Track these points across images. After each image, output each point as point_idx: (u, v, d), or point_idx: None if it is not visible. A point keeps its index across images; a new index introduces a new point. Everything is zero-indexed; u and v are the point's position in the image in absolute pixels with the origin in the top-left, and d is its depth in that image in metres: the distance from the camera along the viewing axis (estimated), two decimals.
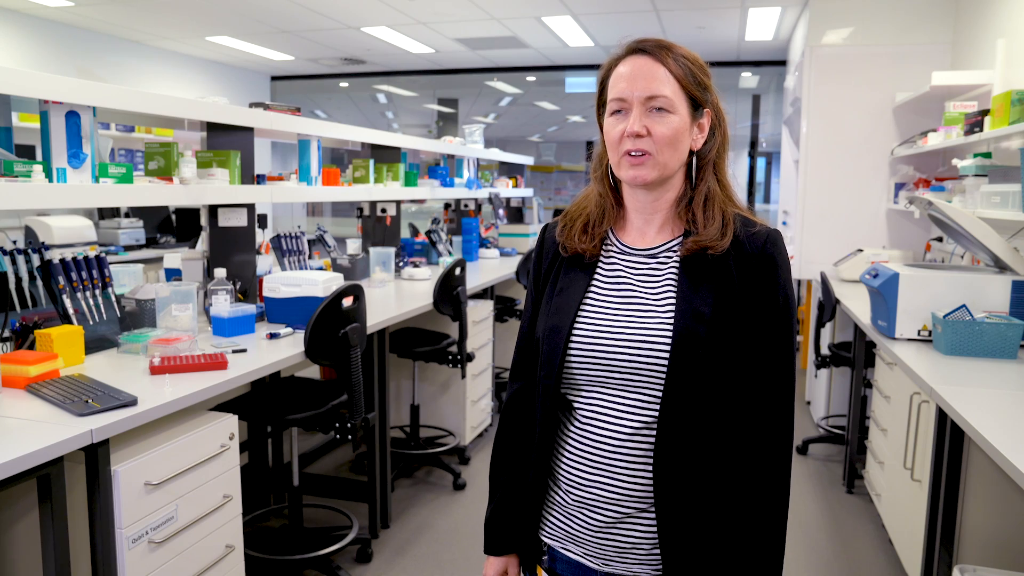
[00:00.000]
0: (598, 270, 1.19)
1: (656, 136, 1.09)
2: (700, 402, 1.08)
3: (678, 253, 1.14)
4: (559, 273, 1.22)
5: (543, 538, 1.22)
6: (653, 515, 1.10)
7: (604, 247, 1.20)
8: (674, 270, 1.13)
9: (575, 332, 1.14)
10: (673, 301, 1.10)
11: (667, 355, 1.07)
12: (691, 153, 1.15)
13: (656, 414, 1.09)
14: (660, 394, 1.08)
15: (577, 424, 1.15)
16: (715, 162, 1.16)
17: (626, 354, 1.10)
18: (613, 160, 1.14)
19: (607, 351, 1.11)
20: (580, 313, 1.16)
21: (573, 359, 1.14)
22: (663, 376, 1.08)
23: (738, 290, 1.10)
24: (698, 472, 1.09)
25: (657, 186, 1.15)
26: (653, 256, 1.16)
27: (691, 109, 1.12)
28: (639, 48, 1.12)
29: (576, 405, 1.16)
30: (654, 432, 1.09)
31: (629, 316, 1.12)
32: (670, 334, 1.08)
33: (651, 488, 1.10)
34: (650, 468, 1.09)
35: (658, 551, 1.11)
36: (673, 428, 1.08)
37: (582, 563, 1.17)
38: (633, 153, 1.10)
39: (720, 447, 1.10)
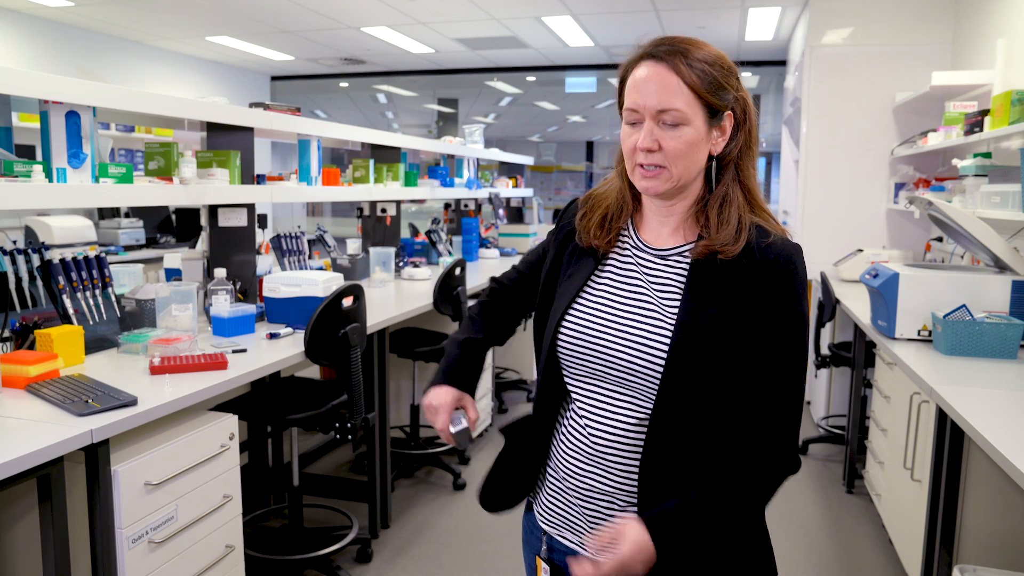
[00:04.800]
0: (610, 261, 1.18)
1: (668, 151, 1.06)
2: (692, 410, 1.07)
3: (689, 258, 1.12)
4: (572, 256, 1.22)
5: (542, 524, 1.24)
6: None
7: (620, 238, 1.19)
8: (682, 275, 1.11)
9: (565, 321, 1.16)
10: (676, 307, 1.09)
11: (663, 360, 1.06)
12: (711, 157, 1.11)
13: (649, 415, 1.09)
14: (654, 396, 1.08)
15: (573, 414, 1.17)
16: (738, 163, 1.12)
17: (621, 353, 1.10)
18: (628, 167, 1.13)
19: (596, 345, 1.12)
20: (575, 303, 1.17)
21: (562, 348, 1.16)
22: (658, 379, 1.07)
23: (745, 302, 1.07)
24: (683, 478, 1.08)
25: (672, 195, 1.13)
26: (663, 258, 1.14)
27: (708, 116, 1.08)
28: (653, 54, 1.08)
29: (574, 396, 1.17)
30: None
31: (630, 314, 1.12)
32: (668, 340, 1.07)
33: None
34: None
35: None
36: (662, 432, 1.08)
37: (578, 551, 1.18)
38: (646, 167, 1.08)
39: (708, 455, 1.08)
